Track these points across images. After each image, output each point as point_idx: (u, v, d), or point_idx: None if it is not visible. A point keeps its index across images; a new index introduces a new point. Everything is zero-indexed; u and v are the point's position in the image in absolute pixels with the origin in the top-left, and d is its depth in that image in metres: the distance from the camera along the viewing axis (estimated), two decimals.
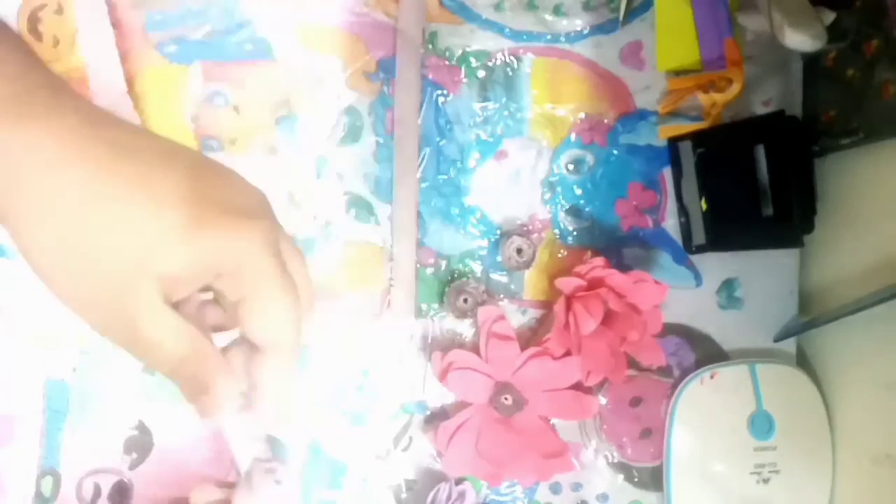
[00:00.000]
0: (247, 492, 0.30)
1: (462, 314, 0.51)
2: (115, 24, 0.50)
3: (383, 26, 0.52)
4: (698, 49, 0.51)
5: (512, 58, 0.53)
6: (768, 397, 0.53)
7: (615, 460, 0.54)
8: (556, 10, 0.53)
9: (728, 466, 0.53)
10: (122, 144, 0.29)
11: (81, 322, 0.28)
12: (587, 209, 0.54)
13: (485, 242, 0.53)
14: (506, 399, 0.50)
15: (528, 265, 0.52)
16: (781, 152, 0.51)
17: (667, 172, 0.54)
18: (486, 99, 0.53)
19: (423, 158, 0.53)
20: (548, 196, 0.53)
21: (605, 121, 0.53)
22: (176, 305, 0.29)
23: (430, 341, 0.53)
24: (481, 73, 0.53)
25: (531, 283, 0.53)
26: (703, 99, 0.51)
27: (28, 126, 0.27)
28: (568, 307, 0.49)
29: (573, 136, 0.53)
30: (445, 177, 0.53)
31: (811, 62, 0.53)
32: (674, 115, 0.53)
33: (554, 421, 0.53)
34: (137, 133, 0.30)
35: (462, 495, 0.52)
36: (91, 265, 0.28)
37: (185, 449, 0.50)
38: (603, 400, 0.54)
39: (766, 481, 0.52)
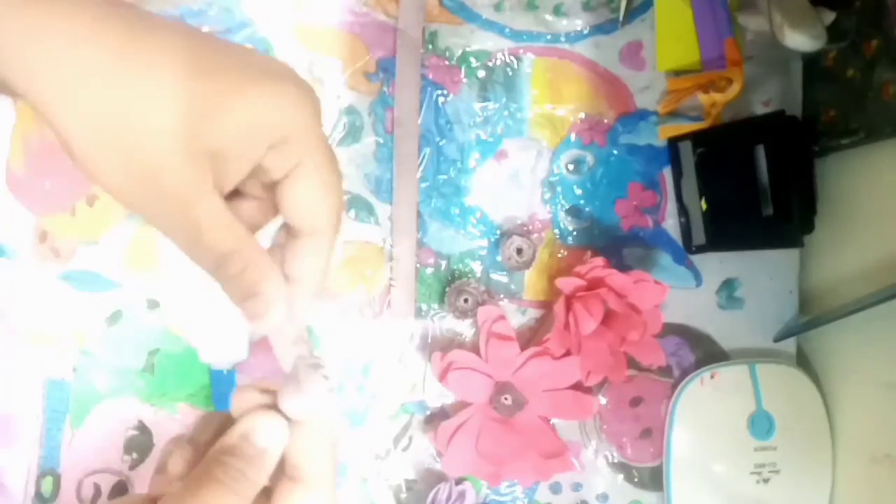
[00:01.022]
0: (294, 390, 0.28)
1: (462, 314, 0.51)
2: None
3: (383, 26, 0.52)
4: (698, 49, 0.51)
5: (512, 58, 0.53)
6: (768, 397, 0.53)
7: (615, 460, 0.54)
8: (556, 10, 0.53)
9: (728, 466, 0.53)
10: (142, 20, 0.27)
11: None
12: (587, 209, 0.54)
13: (485, 242, 0.53)
14: (506, 399, 0.50)
15: (528, 265, 0.52)
16: (781, 152, 0.51)
17: (667, 172, 0.54)
18: (486, 99, 0.53)
19: (423, 158, 0.53)
20: (548, 196, 0.53)
21: (605, 121, 0.53)
22: (229, 199, 0.28)
23: (430, 341, 0.53)
24: (481, 73, 0.53)
25: (531, 283, 0.53)
26: (703, 99, 0.51)
27: (39, 6, 0.25)
28: (568, 307, 0.49)
29: (573, 136, 0.53)
30: (445, 177, 0.53)
31: (811, 62, 0.53)
32: (674, 115, 0.53)
33: (554, 421, 0.53)
34: (153, 15, 0.28)
35: (462, 495, 0.52)
36: (132, 145, 0.26)
37: None
38: (603, 400, 0.54)
39: (766, 481, 0.52)
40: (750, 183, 0.51)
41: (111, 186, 0.27)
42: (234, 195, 0.30)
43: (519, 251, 0.51)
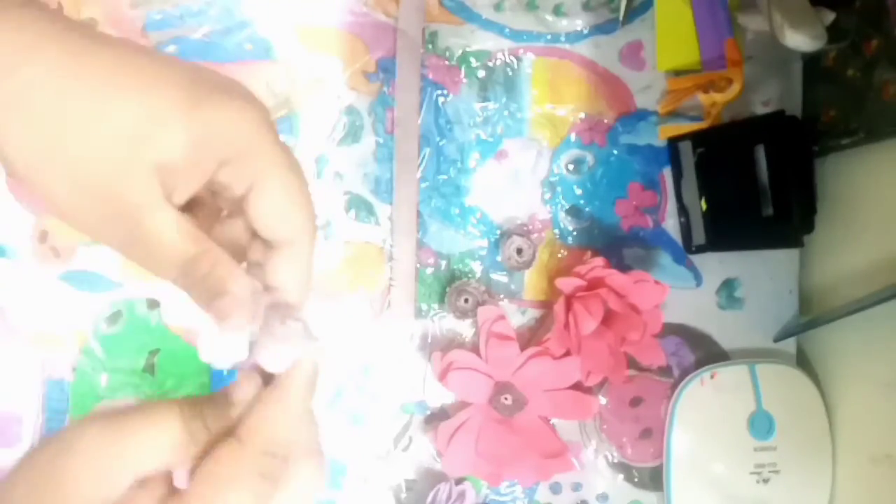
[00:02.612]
0: (271, 342, 0.28)
1: (462, 314, 0.51)
2: (115, 23, 0.50)
3: (383, 26, 0.52)
4: (698, 49, 0.51)
5: (512, 58, 0.53)
6: (768, 397, 0.53)
7: (615, 460, 0.54)
8: (556, 10, 0.53)
9: (728, 466, 0.53)
10: (89, 37, 0.26)
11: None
12: (587, 209, 0.54)
13: (485, 242, 0.53)
14: (506, 399, 0.50)
15: (528, 265, 0.52)
16: (781, 152, 0.51)
17: (667, 172, 0.54)
18: (486, 99, 0.53)
19: (423, 158, 0.52)
20: (548, 196, 0.53)
21: (605, 121, 0.53)
22: (185, 210, 0.28)
23: (430, 341, 0.53)
24: (481, 73, 0.53)
25: (531, 283, 0.53)
26: (703, 99, 0.51)
27: None
28: (568, 307, 0.49)
29: (573, 136, 0.53)
30: (445, 177, 0.53)
31: (811, 62, 0.53)
32: (674, 115, 0.53)
33: (554, 421, 0.53)
34: (101, 33, 0.28)
35: (462, 495, 0.52)
36: (81, 161, 0.25)
37: None
38: (603, 400, 0.54)
39: (766, 481, 0.52)
40: (750, 183, 0.51)
41: (59, 205, 0.26)
42: (212, 215, 0.30)
43: (519, 251, 0.51)
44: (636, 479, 0.54)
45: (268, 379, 0.29)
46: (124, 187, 0.25)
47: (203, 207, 0.30)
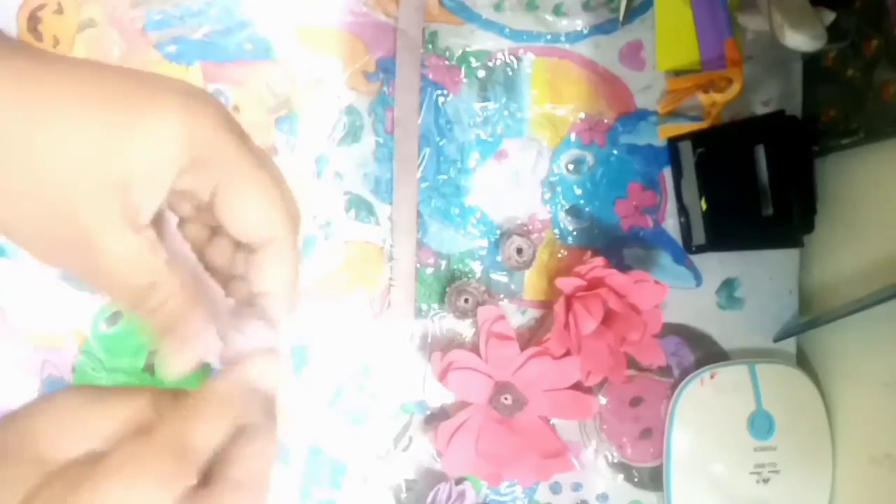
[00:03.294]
0: (235, 334, 0.27)
1: (462, 314, 0.51)
2: (115, 23, 0.50)
3: (383, 26, 0.52)
4: (698, 49, 0.51)
5: (512, 58, 0.53)
6: (768, 397, 0.53)
7: (615, 460, 0.54)
8: (556, 10, 0.53)
9: (728, 466, 0.53)
10: (34, 54, 0.26)
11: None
12: (587, 209, 0.54)
13: (485, 242, 0.53)
14: (506, 399, 0.50)
15: (528, 265, 0.52)
16: (781, 152, 0.51)
17: (667, 172, 0.54)
18: (486, 99, 0.53)
19: (423, 158, 0.52)
20: (548, 196, 0.53)
21: (605, 121, 0.53)
22: (158, 233, 0.27)
23: (430, 341, 0.53)
24: (481, 73, 0.53)
25: (531, 283, 0.53)
26: (703, 99, 0.51)
27: None
28: (568, 307, 0.49)
29: (573, 136, 0.53)
30: (445, 177, 0.53)
31: (811, 62, 0.53)
32: (674, 115, 0.53)
33: (554, 421, 0.53)
34: (42, 51, 0.27)
35: (462, 495, 0.52)
36: (34, 184, 0.24)
37: None
38: (603, 400, 0.54)
39: (766, 481, 0.52)
40: (750, 183, 0.51)
41: (14, 232, 0.25)
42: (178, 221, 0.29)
43: (519, 251, 0.51)
44: (636, 479, 0.54)
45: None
46: (77, 211, 0.24)
47: (192, 225, 0.29)
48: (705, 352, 0.54)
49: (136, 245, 0.26)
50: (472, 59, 0.53)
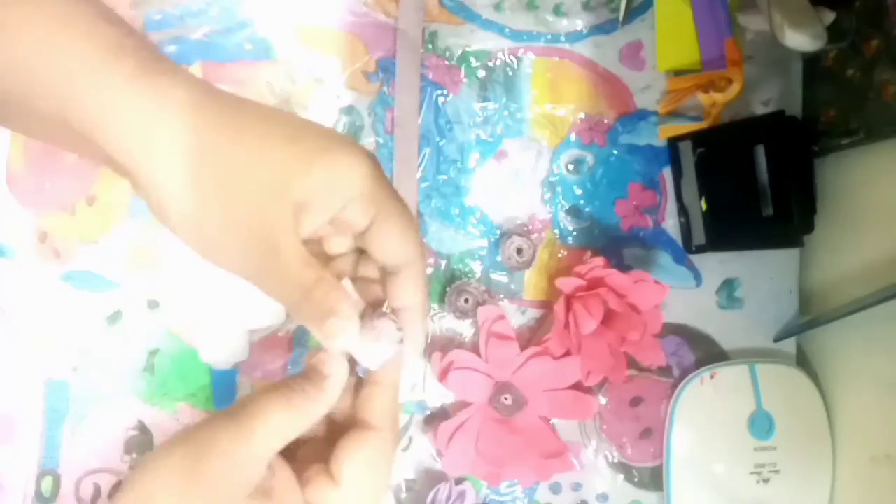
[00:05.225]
0: (372, 339, 0.34)
1: (462, 314, 0.51)
2: None
3: (383, 26, 0.52)
4: (698, 49, 0.51)
5: (512, 58, 0.53)
6: (768, 397, 0.53)
7: (615, 460, 0.54)
8: (556, 10, 0.53)
9: (728, 466, 0.53)
10: (223, 97, 0.31)
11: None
12: (587, 209, 0.54)
13: (485, 242, 0.53)
14: (506, 399, 0.50)
15: (528, 265, 0.52)
16: (781, 152, 0.51)
17: (667, 172, 0.54)
18: (486, 99, 0.53)
19: (423, 158, 0.53)
20: (548, 196, 0.53)
21: (605, 121, 0.53)
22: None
23: (430, 341, 0.53)
24: (481, 73, 0.53)
25: (531, 283, 0.53)
26: (703, 99, 0.51)
27: (160, 80, 0.29)
28: (568, 307, 0.49)
29: (573, 136, 0.53)
30: (445, 177, 0.53)
31: (811, 62, 0.53)
32: (674, 115, 0.53)
33: (554, 421, 0.53)
34: (224, 93, 0.32)
35: (462, 495, 0.52)
36: (234, 205, 0.29)
37: None
38: (603, 400, 0.54)
39: (766, 481, 0.52)
40: (750, 183, 0.51)
41: (209, 243, 0.30)
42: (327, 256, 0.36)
43: (519, 251, 0.51)
44: (636, 479, 0.54)
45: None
46: (270, 223, 0.30)
47: (311, 243, 0.34)
48: (705, 352, 0.54)
49: (304, 249, 0.31)
50: (472, 59, 0.53)
